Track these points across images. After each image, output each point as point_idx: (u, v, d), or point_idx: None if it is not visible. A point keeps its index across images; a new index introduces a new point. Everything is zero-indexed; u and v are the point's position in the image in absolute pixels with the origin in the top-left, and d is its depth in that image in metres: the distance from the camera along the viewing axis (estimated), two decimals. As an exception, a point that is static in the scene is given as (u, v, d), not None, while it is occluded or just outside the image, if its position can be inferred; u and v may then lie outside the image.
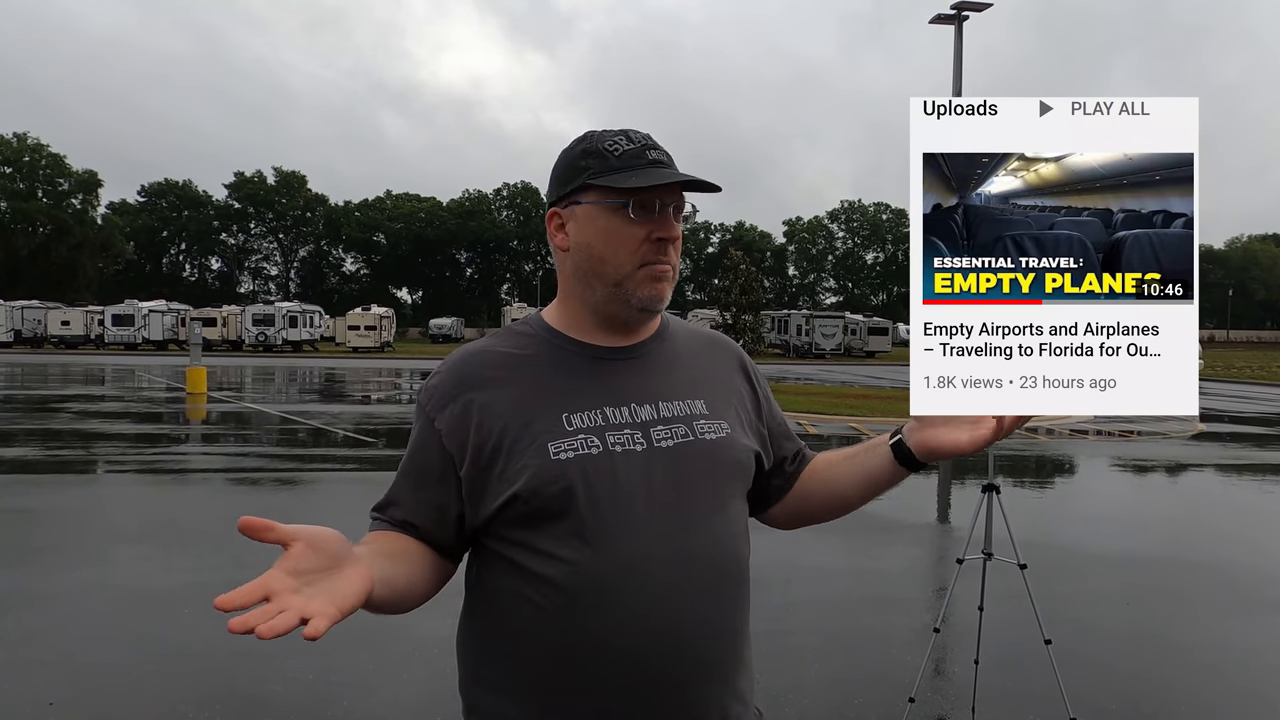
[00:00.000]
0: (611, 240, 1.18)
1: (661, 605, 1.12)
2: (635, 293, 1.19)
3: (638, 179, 1.16)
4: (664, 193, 1.18)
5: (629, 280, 1.19)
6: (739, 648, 1.22)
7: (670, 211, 1.19)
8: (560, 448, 1.13)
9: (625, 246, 1.18)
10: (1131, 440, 14.01)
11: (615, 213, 1.18)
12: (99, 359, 35.37)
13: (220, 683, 3.83)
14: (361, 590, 0.98)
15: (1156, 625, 4.97)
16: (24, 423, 13.83)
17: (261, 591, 0.91)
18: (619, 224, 1.18)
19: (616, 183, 1.16)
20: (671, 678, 1.13)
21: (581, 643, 1.12)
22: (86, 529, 6.87)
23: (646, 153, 1.19)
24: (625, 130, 1.22)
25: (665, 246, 1.19)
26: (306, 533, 0.96)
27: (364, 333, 47.16)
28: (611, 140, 1.20)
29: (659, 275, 1.19)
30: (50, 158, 69.16)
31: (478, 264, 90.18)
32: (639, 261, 1.18)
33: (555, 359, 1.22)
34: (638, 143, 1.20)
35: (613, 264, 1.19)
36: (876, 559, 6.27)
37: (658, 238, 1.18)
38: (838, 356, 44.72)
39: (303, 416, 15.23)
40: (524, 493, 1.12)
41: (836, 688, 3.95)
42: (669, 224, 1.19)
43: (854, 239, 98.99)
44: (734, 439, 1.25)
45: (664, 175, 1.17)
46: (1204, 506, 9.05)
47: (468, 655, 1.24)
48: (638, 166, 1.18)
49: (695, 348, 1.32)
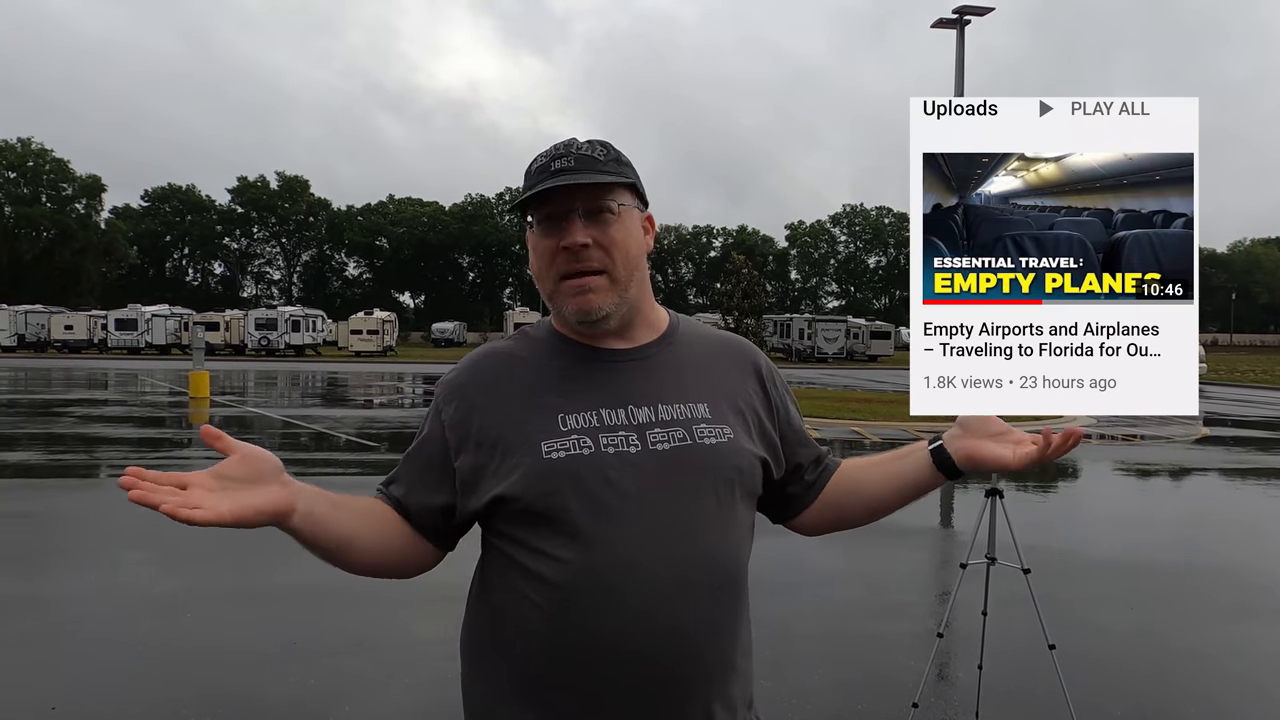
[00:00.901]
0: (536, 259, 1.22)
1: (650, 606, 1.13)
2: (564, 307, 1.20)
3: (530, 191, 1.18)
4: (566, 200, 1.17)
5: (556, 296, 1.21)
6: (729, 653, 1.21)
7: (576, 217, 1.17)
8: (552, 447, 1.15)
9: (543, 262, 1.20)
10: (1135, 444, 13.98)
11: (533, 230, 1.21)
12: (102, 363, 35.43)
13: (222, 687, 3.83)
14: (268, 506, 1.03)
15: (1161, 629, 4.95)
16: (27, 427, 13.85)
17: (179, 480, 1.00)
18: (535, 239, 1.21)
19: (522, 199, 1.19)
20: (659, 677, 1.14)
21: (573, 640, 1.13)
22: (89, 533, 6.87)
23: (552, 163, 1.19)
24: (557, 143, 1.23)
25: (579, 255, 1.17)
26: (245, 449, 1.04)
27: (366, 337, 47.16)
28: (537, 158, 1.22)
29: (578, 289, 1.18)
30: (54, 162, 69.40)
31: (480, 268, 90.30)
32: (557, 275, 1.19)
33: (558, 361, 1.24)
34: (549, 155, 1.20)
35: (541, 282, 1.22)
36: (880, 563, 6.26)
37: (563, 247, 1.17)
38: (840, 360, 44.67)
39: (305, 421, 15.24)
40: (516, 489, 1.14)
41: (840, 692, 3.93)
42: (571, 230, 1.17)
43: (856, 243, 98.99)
44: (736, 444, 1.24)
45: (544, 182, 1.16)
46: (1208, 510, 9.02)
47: (469, 653, 1.25)
48: (539, 180, 1.17)
49: (705, 350, 1.31)
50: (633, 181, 1.24)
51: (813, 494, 1.38)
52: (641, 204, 1.27)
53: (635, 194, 1.25)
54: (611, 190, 1.20)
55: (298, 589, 5.30)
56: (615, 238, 1.19)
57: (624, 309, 1.22)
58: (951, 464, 1.27)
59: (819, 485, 1.38)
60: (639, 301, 1.25)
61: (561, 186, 1.16)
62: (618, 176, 1.20)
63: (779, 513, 1.39)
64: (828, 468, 1.40)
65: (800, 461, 1.37)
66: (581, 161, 1.18)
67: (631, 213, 1.23)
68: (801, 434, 1.39)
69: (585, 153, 1.20)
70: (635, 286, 1.23)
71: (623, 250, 1.20)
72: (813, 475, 1.38)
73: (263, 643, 4.37)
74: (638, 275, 1.23)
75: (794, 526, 1.42)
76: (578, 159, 1.19)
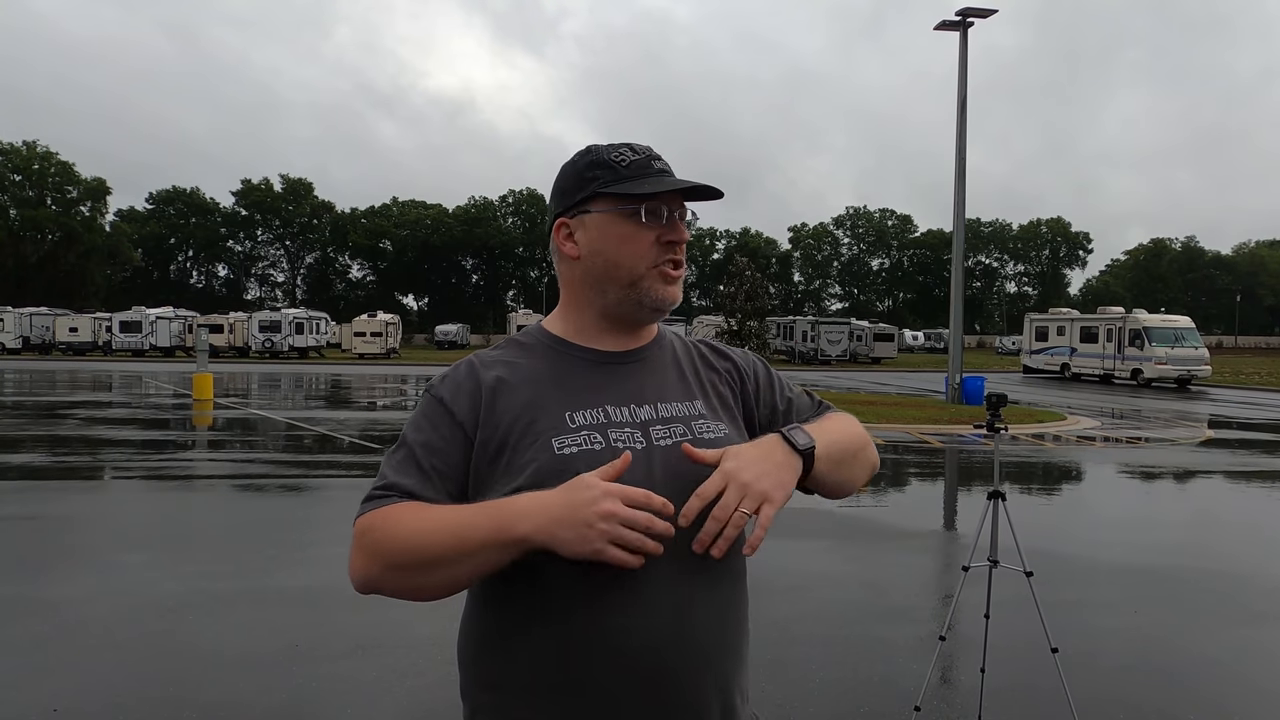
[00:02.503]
0: (625, 245, 1.25)
1: (662, 600, 1.15)
2: (649, 293, 1.26)
3: (650, 186, 1.24)
4: (670, 200, 1.26)
5: (643, 281, 1.26)
6: (738, 645, 1.25)
7: (676, 217, 1.27)
8: (564, 443, 1.18)
9: (638, 249, 1.25)
10: (1139, 446, 13.94)
11: (627, 219, 1.25)
12: (107, 365, 35.50)
13: (224, 689, 3.83)
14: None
15: (1164, 633, 4.93)
16: (32, 429, 13.88)
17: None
18: (631, 229, 1.25)
19: (629, 190, 1.24)
20: (672, 671, 1.15)
21: (582, 637, 1.14)
22: (92, 535, 6.89)
23: (652, 163, 1.28)
24: (628, 143, 1.30)
25: (675, 248, 1.27)
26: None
27: (370, 339, 47.20)
28: (618, 153, 1.28)
29: (670, 278, 1.27)
30: (59, 165, 69.61)
31: (483, 270, 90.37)
32: (651, 263, 1.26)
33: (558, 363, 1.27)
34: (643, 154, 1.29)
35: (627, 267, 1.26)
36: (882, 566, 6.25)
37: (668, 240, 1.26)
38: (843, 363, 44.60)
39: (308, 423, 15.26)
40: (529, 485, 1.15)
41: (842, 695, 3.93)
42: (678, 228, 1.27)
43: (860, 245, 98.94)
44: (731, 439, 1.27)
45: (673, 182, 1.26)
46: (1212, 513, 8.99)
47: (469, 655, 1.25)
48: (646, 175, 1.26)
49: (689, 353, 1.38)
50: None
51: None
52: None
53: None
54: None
55: (299, 591, 5.31)
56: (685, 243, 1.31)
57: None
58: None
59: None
60: None
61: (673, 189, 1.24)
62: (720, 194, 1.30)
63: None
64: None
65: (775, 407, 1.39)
66: (669, 167, 1.30)
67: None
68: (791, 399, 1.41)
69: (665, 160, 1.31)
70: None
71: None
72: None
73: (264, 645, 4.37)
74: None
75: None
76: (668, 164, 1.30)
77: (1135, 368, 29.62)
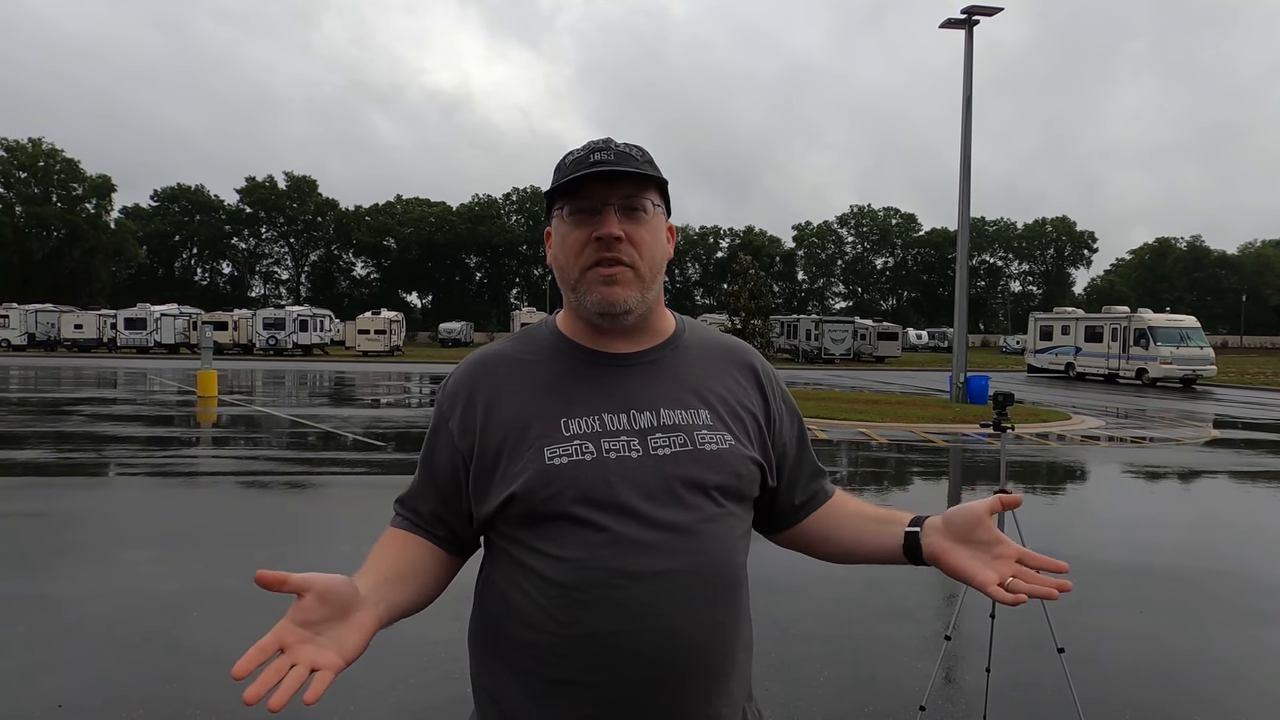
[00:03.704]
0: (563, 247, 1.22)
1: (651, 606, 1.14)
2: (587, 297, 1.21)
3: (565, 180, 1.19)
4: (603, 193, 1.18)
5: (580, 285, 1.21)
6: (729, 650, 1.22)
7: (612, 210, 1.18)
8: (556, 453, 1.17)
9: (572, 251, 1.21)
10: (1144, 446, 13.91)
11: (563, 220, 1.22)
12: (111, 362, 35.59)
13: (227, 686, 3.83)
14: (365, 639, 1.07)
15: (1170, 633, 4.91)
16: (37, 425, 13.92)
17: (275, 644, 1.02)
18: (565, 229, 1.21)
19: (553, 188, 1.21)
20: (661, 675, 1.15)
21: (574, 638, 1.15)
22: (97, 532, 6.90)
23: (591, 155, 1.20)
24: (594, 142, 1.24)
25: (609, 245, 1.18)
26: (318, 584, 1.04)
27: (374, 337, 47.25)
28: (571, 152, 1.24)
29: (606, 278, 1.19)
30: (64, 162, 69.76)
31: (487, 268, 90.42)
32: (584, 265, 1.20)
33: (561, 364, 1.25)
34: (587, 149, 1.22)
35: (567, 269, 1.22)
36: (886, 566, 6.22)
37: (597, 237, 1.18)
38: (847, 362, 44.53)
39: (312, 420, 15.27)
40: (520, 493, 1.17)
41: (847, 695, 3.92)
42: (607, 221, 1.18)
43: (864, 244, 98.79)
44: (735, 450, 1.24)
45: (574, 170, 1.19)
46: (1217, 514, 8.96)
47: (476, 647, 1.28)
48: (578, 171, 1.19)
49: (708, 355, 1.32)
50: (665, 182, 1.26)
51: (797, 518, 1.39)
52: (667, 210, 1.29)
53: (664, 198, 1.27)
54: (647, 189, 1.22)
55: (304, 589, 5.31)
56: (645, 237, 1.21)
57: (643, 308, 1.23)
58: (919, 555, 1.31)
59: (805, 511, 1.39)
60: (655, 305, 1.27)
61: (601, 180, 1.18)
62: (655, 174, 1.23)
63: (758, 523, 1.38)
64: (818, 495, 1.40)
65: (794, 480, 1.37)
66: (620, 158, 1.20)
67: (659, 216, 1.25)
68: (800, 451, 1.38)
69: (623, 150, 1.22)
70: (655, 289, 1.25)
71: (650, 250, 1.22)
72: (803, 498, 1.38)
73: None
74: (659, 279, 1.26)
75: (765, 535, 1.43)
76: (617, 154, 1.20)
77: (1140, 367, 29.54)
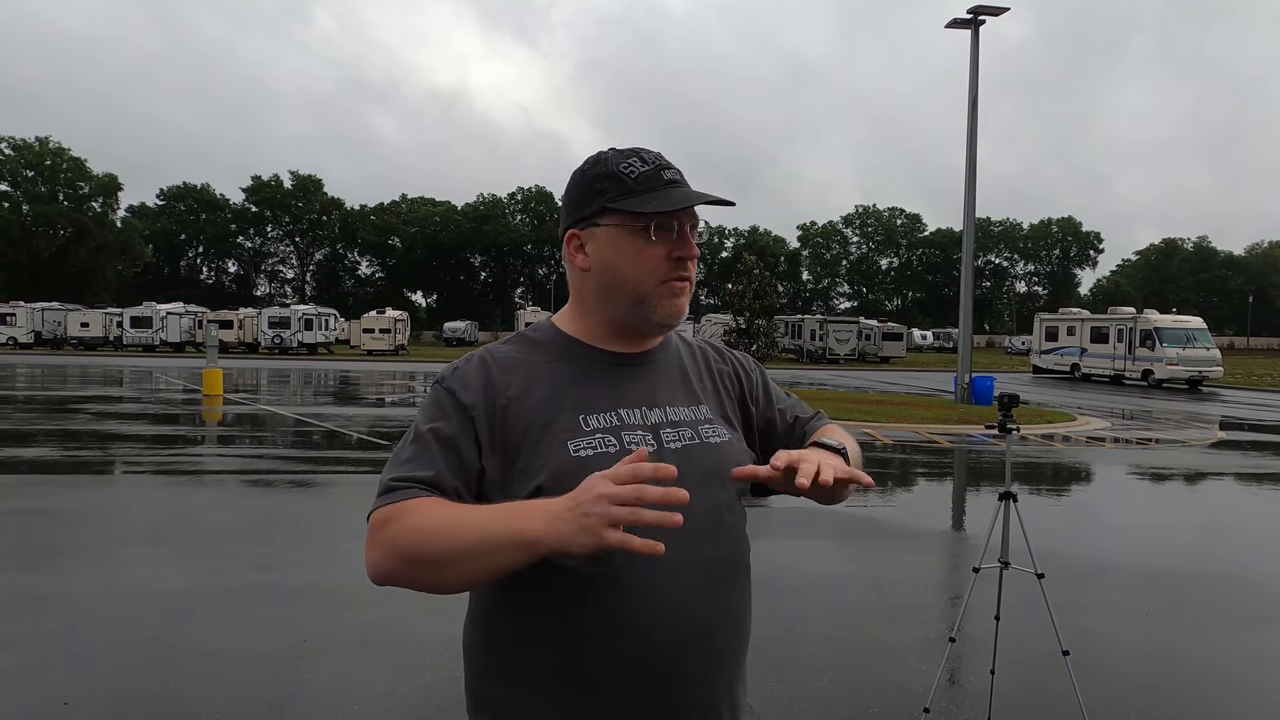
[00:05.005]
0: (633, 260, 1.24)
1: (677, 598, 1.17)
2: (657, 308, 1.26)
3: (658, 202, 1.21)
4: (682, 214, 1.25)
5: (651, 297, 1.25)
6: (741, 640, 1.28)
7: (688, 230, 1.26)
8: (579, 445, 1.19)
9: (647, 266, 1.24)
10: (1150, 448, 13.86)
11: (636, 234, 1.23)
12: (117, 360, 35.69)
13: (231, 685, 3.84)
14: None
15: (1176, 636, 4.89)
16: (43, 423, 13.96)
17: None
18: (640, 245, 1.23)
19: (637, 206, 1.21)
20: (685, 666, 1.18)
21: (595, 629, 1.15)
22: (102, 530, 6.91)
23: (661, 174, 1.25)
24: (637, 151, 1.27)
25: (684, 264, 1.25)
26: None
27: (378, 336, 47.33)
28: (625, 163, 1.25)
29: (678, 291, 1.26)
30: (71, 161, 69.99)
31: (492, 268, 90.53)
32: (660, 279, 1.25)
33: (571, 363, 1.27)
34: (652, 164, 1.26)
35: (634, 282, 1.25)
36: (891, 567, 6.22)
37: (677, 256, 1.24)
38: (852, 362, 44.47)
39: (317, 419, 15.30)
40: (548, 485, 1.15)
41: (851, 696, 3.91)
42: (688, 243, 1.25)
43: (868, 244, 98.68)
44: (735, 443, 1.32)
45: (683, 198, 1.23)
46: (1224, 515, 8.92)
47: (478, 650, 1.26)
48: (655, 188, 1.23)
49: (685, 352, 1.40)
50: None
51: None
52: None
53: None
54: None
55: (307, 588, 5.32)
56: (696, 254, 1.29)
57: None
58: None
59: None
60: None
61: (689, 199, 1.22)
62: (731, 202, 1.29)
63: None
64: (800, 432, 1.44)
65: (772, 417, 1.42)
66: (680, 175, 1.27)
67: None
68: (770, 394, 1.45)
69: (676, 167, 1.28)
70: None
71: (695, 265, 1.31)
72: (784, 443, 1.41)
73: (272, 641, 4.38)
74: None
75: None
76: (678, 172, 1.27)
77: (1146, 368, 29.43)
